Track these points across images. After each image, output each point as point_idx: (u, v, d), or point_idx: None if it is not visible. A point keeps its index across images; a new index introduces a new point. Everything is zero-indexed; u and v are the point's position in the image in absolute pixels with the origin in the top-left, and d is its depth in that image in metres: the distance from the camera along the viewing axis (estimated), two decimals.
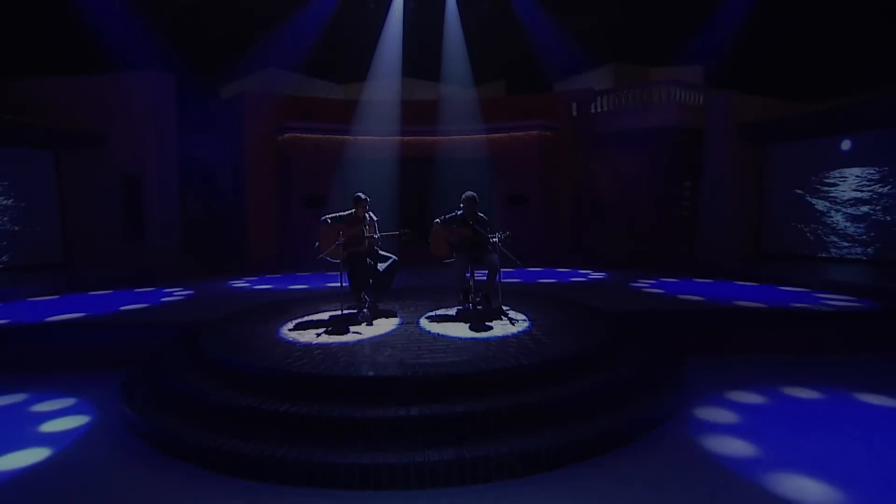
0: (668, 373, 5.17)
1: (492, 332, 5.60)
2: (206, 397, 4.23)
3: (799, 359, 6.19)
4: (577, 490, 3.33)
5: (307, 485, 3.41)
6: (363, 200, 6.82)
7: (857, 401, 4.85)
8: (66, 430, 4.39)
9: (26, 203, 11.42)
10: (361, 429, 3.78)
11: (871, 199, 10.57)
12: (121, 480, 3.57)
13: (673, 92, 14.21)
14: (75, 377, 5.71)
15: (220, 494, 3.33)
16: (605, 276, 11.17)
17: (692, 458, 3.77)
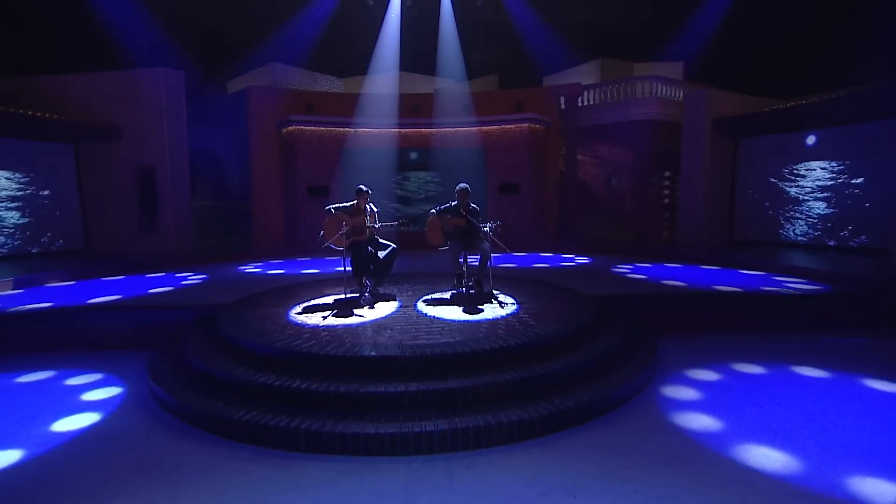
0: (641, 351, 5.40)
1: (483, 314, 5.75)
2: (226, 375, 4.43)
3: (749, 337, 6.41)
4: (556, 455, 3.59)
5: (318, 452, 3.64)
6: (364, 192, 6.96)
7: (795, 373, 5.15)
8: (103, 401, 4.65)
9: (49, 193, 11.44)
10: (365, 403, 4.01)
11: (832, 190, 10.75)
12: (153, 447, 3.81)
13: (654, 87, 14.34)
14: (105, 356, 5.93)
15: (240, 460, 3.56)
16: (590, 261, 11.27)
17: (659, 425, 4.03)
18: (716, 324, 6.78)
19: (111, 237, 12.05)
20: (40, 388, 5.02)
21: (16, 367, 5.60)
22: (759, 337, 6.42)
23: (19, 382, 5.19)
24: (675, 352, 5.83)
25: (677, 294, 7.65)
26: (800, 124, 11.00)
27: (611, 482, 3.23)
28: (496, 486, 3.22)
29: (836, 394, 4.63)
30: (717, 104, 12.32)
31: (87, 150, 11.91)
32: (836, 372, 5.17)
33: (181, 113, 11.98)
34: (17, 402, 4.70)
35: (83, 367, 5.62)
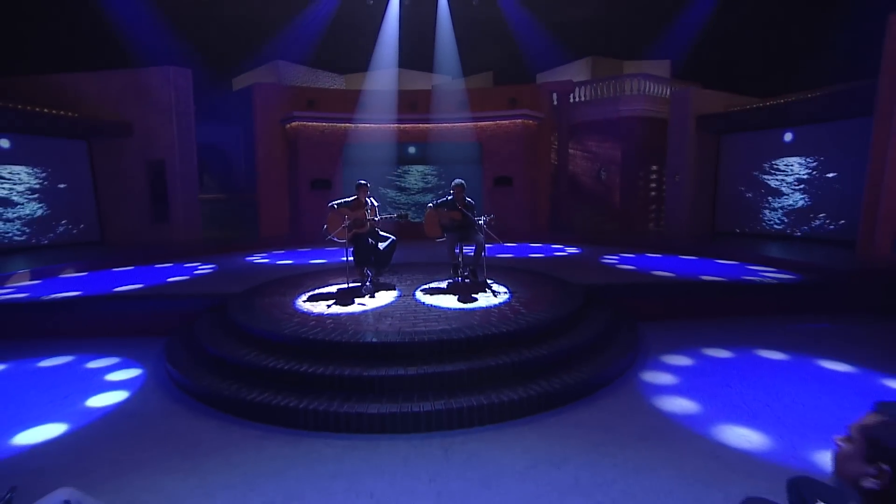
0: (624, 336, 5.58)
1: (477, 303, 5.88)
2: (238, 359, 4.60)
3: (723, 323, 6.56)
4: (542, 432, 3.78)
5: (324, 430, 3.82)
6: (364, 186, 7.08)
7: (760, 357, 5.35)
8: (126, 382, 4.82)
9: (65, 187, 11.51)
10: (367, 385, 4.17)
11: (807, 184, 10.87)
12: (174, 424, 3.98)
13: (642, 84, 14.40)
14: (120, 342, 6.05)
15: (254, 437, 3.75)
16: (580, 251, 11.38)
17: (638, 405, 4.22)
18: (693, 311, 6.91)
19: (124, 229, 12.15)
20: (63, 372, 5.19)
21: (36, 353, 5.73)
22: (732, 323, 6.58)
23: (41, 366, 5.35)
24: (657, 337, 6.01)
25: (658, 283, 7.78)
26: (778, 122, 11.10)
27: (592, 456, 3.43)
28: (488, 460, 3.41)
29: (795, 374, 4.85)
30: (700, 102, 12.40)
31: (100, 145, 11.96)
32: (795, 355, 5.38)
33: (189, 109, 12.01)
34: (48, 383, 4.86)
35: (102, 352, 5.76)
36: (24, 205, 10.77)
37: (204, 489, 3.09)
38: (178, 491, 3.07)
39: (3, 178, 10.46)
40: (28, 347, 5.93)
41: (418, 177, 14.48)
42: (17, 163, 10.68)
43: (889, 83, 8.18)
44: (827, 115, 10.04)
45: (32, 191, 10.91)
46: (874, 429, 1.17)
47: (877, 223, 8.43)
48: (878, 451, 1.13)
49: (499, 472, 3.25)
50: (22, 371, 5.22)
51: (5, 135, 10.47)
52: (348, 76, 18.76)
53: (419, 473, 3.26)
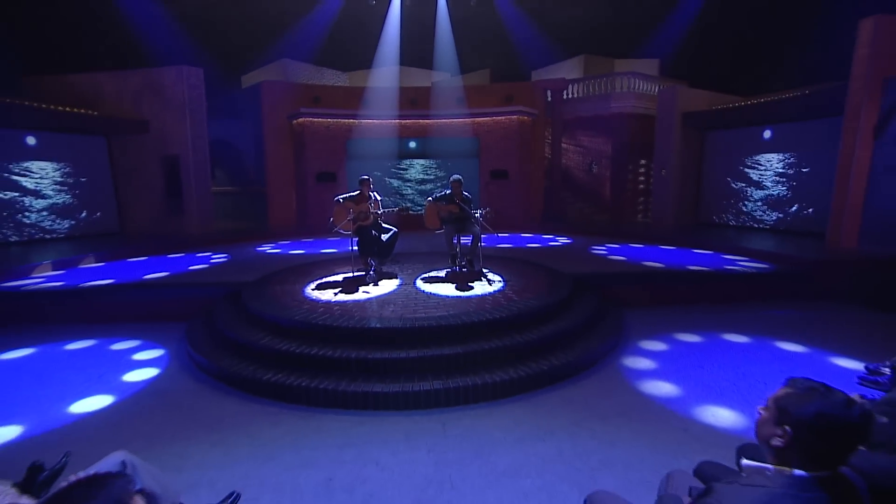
0: (609, 322, 5.81)
1: (473, 291, 6.05)
2: (254, 343, 4.82)
3: (696, 310, 6.75)
4: (530, 408, 4.02)
5: (334, 407, 4.05)
6: (367, 180, 7.24)
7: (728, 340, 5.59)
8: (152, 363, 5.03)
9: (87, 182, 11.64)
10: (372, 367, 4.39)
11: (784, 179, 11.00)
12: (198, 402, 4.22)
13: (632, 82, 14.51)
14: (141, 327, 6.24)
15: (270, 413, 3.98)
16: (571, 242, 11.48)
17: (618, 385, 4.45)
18: (672, 298, 7.08)
19: (142, 220, 12.31)
20: (93, 353, 5.41)
21: (61, 338, 5.90)
22: (707, 310, 6.77)
23: (69, 349, 5.55)
24: (639, 322, 6.21)
25: (640, 273, 7.93)
26: (758, 120, 11.22)
27: (574, 430, 3.66)
28: (481, 433, 3.65)
29: (758, 356, 5.10)
30: (686, 100, 12.51)
31: (118, 142, 12.08)
32: (757, 338, 5.62)
33: (202, 107, 12.09)
34: (82, 363, 5.09)
35: (124, 336, 5.96)
36: (50, 198, 10.94)
37: (228, 458, 3.33)
38: (206, 459, 3.31)
39: (31, 173, 10.62)
40: (53, 332, 6.10)
41: (419, 170, 14.62)
42: (42, 159, 10.83)
43: (858, 87, 8.31)
44: (802, 114, 10.17)
45: (57, 185, 11.06)
46: (783, 399, 1.39)
47: (844, 217, 8.61)
48: (784, 417, 1.35)
49: (491, 444, 3.49)
50: (53, 353, 5.43)
51: (32, 132, 10.60)
52: (351, 73, 18.81)
53: (419, 445, 3.49)
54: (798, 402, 1.34)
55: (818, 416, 1.28)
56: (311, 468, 3.21)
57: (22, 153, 10.51)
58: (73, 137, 11.31)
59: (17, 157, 10.44)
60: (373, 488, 2.99)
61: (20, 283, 7.31)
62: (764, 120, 11.11)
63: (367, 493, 2.95)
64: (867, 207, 8.43)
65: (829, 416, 1.27)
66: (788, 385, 1.42)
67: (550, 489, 2.96)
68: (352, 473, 3.15)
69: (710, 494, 1.39)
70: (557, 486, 2.99)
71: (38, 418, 3.91)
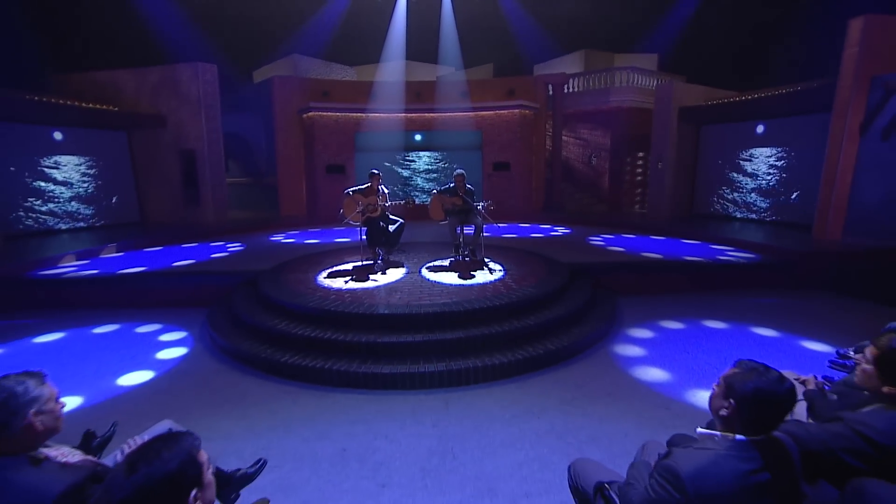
0: (602, 309, 6.02)
1: (475, 279, 6.25)
2: (272, 328, 5.06)
3: (686, 298, 6.95)
4: (525, 388, 4.26)
5: (346, 386, 4.30)
6: (376, 175, 7.42)
7: (708, 326, 5.81)
8: (178, 346, 5.31)
9: (109, 175, 11.83)
10: (381, 350, 4.63)
11: (774, 172, 11.06)
12: (222, 381, 4.49)
13: (631, 77, 14.54)
14: (163, 313, 6.53)
15: (289, 392, 4.24)
16: (570, 232, 11.56)
17: (608, 368, 4.69)
18: (664, 287, 7.28)
19: (161, 211, 12.52)
20: (123, 336, 5.68)
21: (87, 322, 6.17)
22: (695, 298, 6.98)
23: (96, 332, 5.83)
24: (632, 310, 6.43)
25: (633, 262, 7.99)
26: (751, 115, 11.24)
27: (565, 408, 3.90)
28: (480, 410, 3.89)
29: (735, 340, 5.36)
30: (682, 95, 12.55)
31: (138, 136, 12.25)
32: (738, 325, 5.86)
33: (216, 102, 12.19)
34: (115, 345, 5.38)
35: (147, 320, 6.23)
36: (75, 190, 11.17)
37: (252, 430, 3.59)
38: (233, 431, 3.58)
39: (59, 167, 10.85)
40: (81, 318, 6.36)
41: (426, 162, 14.74)
42: (68, 153, 11.04)
43: (846, 84, 8.38)
44: (794, 110, 10.20)
45: (82, 177, 11.29)
46: (730, 377, 1.61)
47: (830, 210, 8.73)
48: (730, 392, 1.57)
49: (489, 420, 3.73)
50: (83, 336, 5.71)
51: (59, 128, 10.82)
52: (359, 68, 18.86)
53: (424, 420, 3.74)
54: (742, 380, 1.56)
55: (756, 391, 1.50)
56: (327, 440, 3.46)
57: (50, 148, 10.74)
58: (96, 132, 11.49)
59: (46, 152, 10.68)
60: (383, 458, 3.25)
61: (50, 272, 7.57)
62: (757, 115, 11.16)
63: (377, 462, 3.20)
64: (852, 202, 8.55)
65: (764, 391, 1.49)
66: (736, 366, 1.63)
67: (542, 460, 3.20)
68: (364, 445, 3.40)
69: (669, 457, 1.61)
70: (548, 457, 3.23)
71: (86, 392, 4.21)
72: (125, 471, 1.15)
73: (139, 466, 1.15)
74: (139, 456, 1.19)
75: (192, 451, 1.25)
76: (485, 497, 2.84)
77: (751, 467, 1.47)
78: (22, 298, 6.84)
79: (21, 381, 1.52)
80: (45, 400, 1.56)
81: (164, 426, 2.28)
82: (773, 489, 1.47)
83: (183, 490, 1.20)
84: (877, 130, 8.15)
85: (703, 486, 1.47)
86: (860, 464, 1.57)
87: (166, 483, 1.16)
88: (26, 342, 5.53)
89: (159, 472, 1.15)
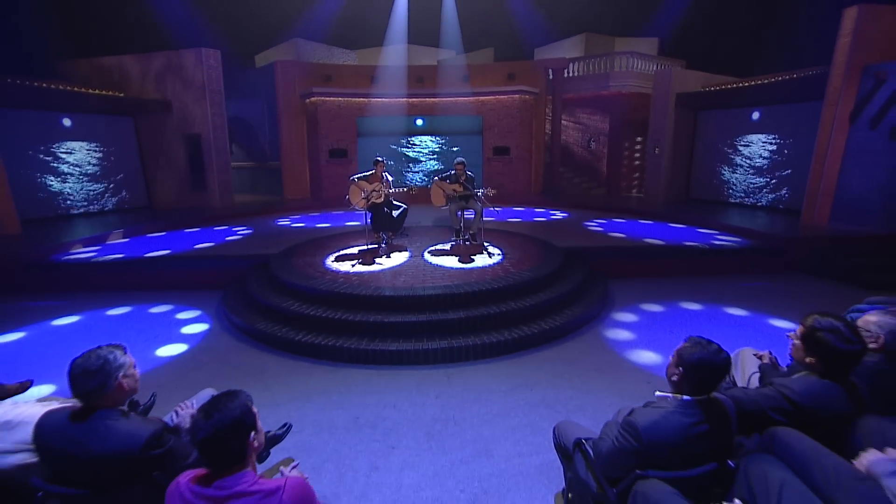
0: (595, 292, 6.38)
1: (475, 263, 6.56)
2: (285, 309, 5.43)
3: (674, 281, 7.30)
4: (520, 364, 4.64)
5: (356, 362, 4.69)
6: (381, 162, 7.71)
7: (687, 309, 6.19)
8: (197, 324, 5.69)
9: (117, 160, 12.06)
10: (388, 328, 5.00)
11: (768, 158, 11.28)
12: (241, 357, 4.88)
13: (631, 62, 14.66)
14: (181, 295, 6.89)
15: (304, 368, 4.62)
16: (567, 216, 11.77)
17: (597, 346, 5.07)
18: (656, 272, 7.58)
19: (168, 195, 12.80)
20: (140, 317, 6.07)
21: (102, 305, 6.46)
22: (680, 282, 7.31)
23: (110, 314, 6.15)
24: (622, 292, 6.79)
25: (626, 247, 8.26)
26: (747, 102, 11.43)
27: (555, 381, 4.29)
28: (479, 383, 4.28)
29: (710, 320, 5.78)
30: (680, 81, 12.70)
31: (144, 121, 12.44)
32: (709, 305, 6.28)
33: (220, 87, 12.35)
34: (134, 325, 5.75)
35: (160, 302, 6.58)
36: (85, 175, 11.44)
37: (273, 401, 3.98)
38: (257, 401, 3.85)
39: (69, 152, 11.09)
40: (97, 300, 6.65)
41: (427, 146, 14.94)
42: (77, 139, 11.27)
43: (838, 73, 8.59)
44: (788, 97, 10.39)
45: (91, 164, 11.57)
46: (681, 350, 1.97)
47: (818, 196, 9.04)
48: (680, 361, 1.93)
49: (487, 392, 4.12)
50: (98, 318, 6.03)
51: (68, 114, 11.03)
52: (360, 51, 18.91)
53: (428, 392, 4.13)
54: (689, 352, 1.92)
55: (699, 361, 1.87)
56: (341, 409, 3.86)
57: (60, 134, 10.97)
58: (104, 118, 11.70)
59: (56, 139, 10.92)
60: (392, 424, 3.65)
61: (71, 256, 7.92)
62: (753, 102, 11.36)
63: (387, 428, 3.60)
64: (839, 189, 8.85)
65: (705, 360, 1.86)
66: (687, 341, 1.99)
67: (533, 426, 3.60)
68: (374, 413, 3.80)
69: (631, 414, 1.99)
70: (539, 423, 3.62)
71: None
72: (203, 417, 1.52)
73: (213, 414, 1.52)
74: (211, 406, 1.56)
75: (248, 403, 1.62)
76: (482, 456, 3.24)
77: (693, 421, 1.85)
78: (40, 281, 7.14)
79: (111, 350, 1.89)
80: (129, 366, 1.93)
81: (207, 393, 2.65)
82: (711, 438, 1.85)
83: (245, 432, 1.57)
84: (866, 119, 8.40)
85: (654, 436, 1.84)
86: (782, 418, 1.94)
87: (233, 426, 1.53)
88: (46, 325, 5.80)
89: (228, 418, 1.52)
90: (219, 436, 1.50)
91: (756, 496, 1.61)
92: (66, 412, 1.84)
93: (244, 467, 1.56)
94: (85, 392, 1.80)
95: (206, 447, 1.49)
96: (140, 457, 1.79)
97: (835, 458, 1.62)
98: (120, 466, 1.78)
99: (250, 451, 1.59)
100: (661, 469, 1.83)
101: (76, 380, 1.80)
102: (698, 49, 15.91)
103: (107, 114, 11.73)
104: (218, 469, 1.53)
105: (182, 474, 1.58)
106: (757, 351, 2.91)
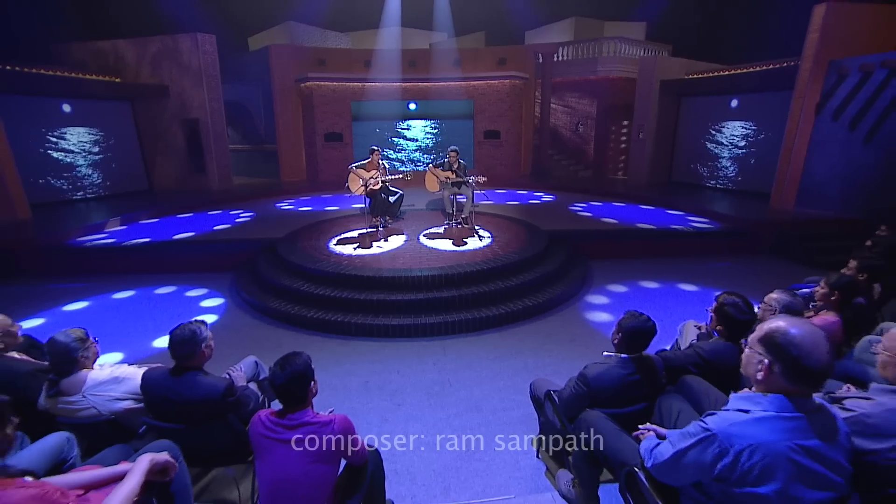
0: (576, 271, 7.04)
1: (467, 245, 7.13)
2: (296, 289, 6.03)
3: (650, 262, 7.95)
4: (506, 336, 5.31)
5: (363, 335, 5.32)
6: (377, 151, 8.24)
7: (679, 288, 6.87)
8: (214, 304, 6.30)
9: (116, 145, 12.31)
10: (390, 306, 5.61)
11: (744, 145, 11.89)
12: (259, 333, 5.49)
13: (618, 47, 15.06)
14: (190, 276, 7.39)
15: (316, 341, 5.25)
16: (554, 199, 12.35)
17: (576, 320, 5.75)
18: (630, 252, 8.22)
19: (168, 179, 13.12)
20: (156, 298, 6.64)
21: (110, 289, 6.89)
22: (654, 263, 7.96)
23: (116, 298, 6.62)
24: (599, 272, 7.45)
25: (605, 230, 8.97)
26: (726, 90, 12.01)
27: (537, 350, 4.98)
28: (470, 353, 4.95)
29: (665, 295, 6.52)
30: (665, 68, 13.18)
31: (142, 106, 12.67)
32: (664, 283, 7.00)
33: (216, 72, 12.60)
34: (151, 305, 6.34)
35: (169, 283, 7.10)
36: (86, 160, 11.74)
37: None
38: None
39: (68, 138, 11.36)
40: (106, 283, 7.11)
41: (420, 130, 15.36)
42: (77, 125, 11.52)
43: (807, 66, 9.19)
44: (763, 86, 10.98)
45: (91, 150, 11.84)
46: (621, 320, 2.63)
47: (785, 182, 9.74)
48: (619, 328, 2.59)
49: (477, 359, 4.80)
50: (107, 303, 6.48)
51: (66, 100, 11.26)
52: (353, 34, 19.09)
53: (427, 360, 4.80)
54: (626, 321, 2.58)
55: (632, 327, 2.53)
56: (352, 375, 4.52)
57: (59, 120, 11.22)
58: (101, 104, 11.92)
59: (55, 125, 11.17)
60: (397, 387, 4.31)
61: (83, 240, 8.42)
62: (731, 90, 11.93)
63: (393, 390, 4.27)
64: (805, 175, 9.54)
65: (636, 327, 2.52)
66: (626, 313, 2.65)
67: (516, 387, 4.28)
68: (381, 378, 4.46)
69: (585, 368, 2.65)
70: (520, 385, 4.29)
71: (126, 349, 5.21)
72: (279, 369, 2.14)
73: (286, 367, 2.15)
74: (283, 361, 2.19)
75: (308, 359, 2.25)
76: (473, 411, 3.93)
77: (628, 372, 2.52)
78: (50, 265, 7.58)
79: (198, 325, 2.50)
80: (209, 338, 2.55)
81: (251, 359, 3.29)
82: (641, 385, 2.52)
83: (308, 380, 2.21)
84: (829, 111, 9.05)
85: (600, 383, 2.51)
86: (696, 371, 2.61)
87: (300, 375, 2.16)
88: (58, 310, 6.21)
89: (298, 368, 2.15)
90: (290, 382, 2.12)
91: (663, 420, 2.29)
92: (164, 370, 2.47)
93: (307, 406, 2.19)
94: (179, 355, 2.43)
95: (281, 390, 2.12)
96: (220, 402, 2.43)
97: (719, 393, 2.30)
98: (206, 409, 2.42)
99: (311, 394, 2.21)
100: (604, 408, 2.51)
101: (174, 346, 2.42)
102: (684, 34, 16.34)
103: (105, 99, 11.95)
104: (288, 406, 2.16)
105: (260, 411, 2.22)
106: (698, 323, 3.59)
